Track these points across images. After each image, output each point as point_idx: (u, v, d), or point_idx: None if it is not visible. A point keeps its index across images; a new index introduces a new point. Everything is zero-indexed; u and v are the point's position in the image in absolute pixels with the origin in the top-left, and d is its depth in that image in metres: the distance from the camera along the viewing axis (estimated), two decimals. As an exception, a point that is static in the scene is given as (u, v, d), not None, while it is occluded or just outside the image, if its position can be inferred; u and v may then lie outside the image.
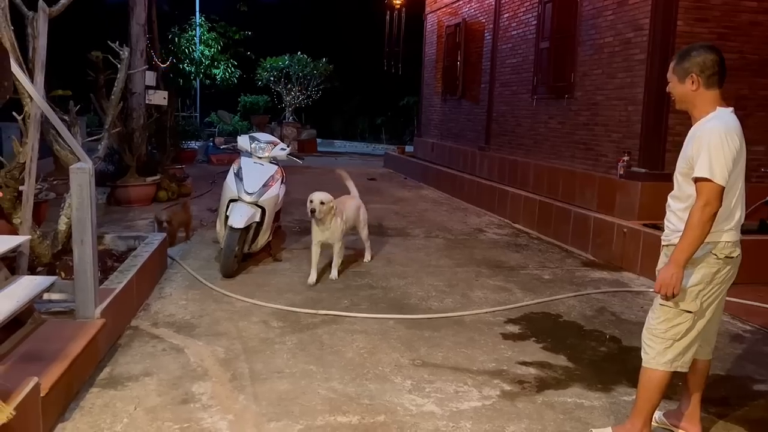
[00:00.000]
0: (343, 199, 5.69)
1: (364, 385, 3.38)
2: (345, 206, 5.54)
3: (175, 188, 9.07)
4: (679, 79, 2.66)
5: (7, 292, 3.10)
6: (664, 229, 2.79)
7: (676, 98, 2.73)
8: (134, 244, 5.17)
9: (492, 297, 5.02)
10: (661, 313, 2.67)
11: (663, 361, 2.67)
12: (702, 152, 2.50)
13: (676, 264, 2.53)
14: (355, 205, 5.83)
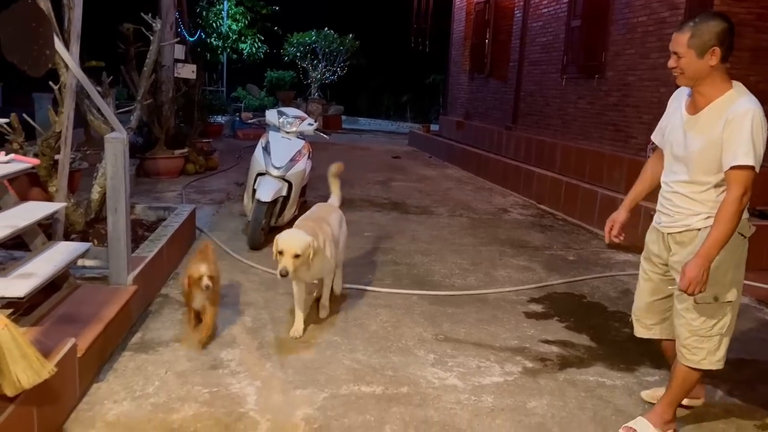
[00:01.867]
0: (322, 212, 4.05)
1: (388, 357, 3.44)
2: (329, 221, 3.95)
3: (203, 162, 9.18)
4: (698, 53, 2.42)
5: (45, 256, 3.21)
6: (663, 214, 2.68)
7: (687, 74, 2.48)
8: (164, 214, 5.26)
9: (515, 276, 5.03)
10: (701, 312, 2.56)
11: (715, 359, 2.61)
12: (743, 138, 2.35)
13: (707, 258, 2.39)
14: (337, 218, 4.15)
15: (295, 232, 3.50)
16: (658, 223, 2.73)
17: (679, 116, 2.62)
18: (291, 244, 3.35)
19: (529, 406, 2.99)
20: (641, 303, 2.89)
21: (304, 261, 3.39)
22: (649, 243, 2.83)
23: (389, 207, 7.50)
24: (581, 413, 2.94)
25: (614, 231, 2.91)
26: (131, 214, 5.07)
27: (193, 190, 7.83)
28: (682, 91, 2.69)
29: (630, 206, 2.93)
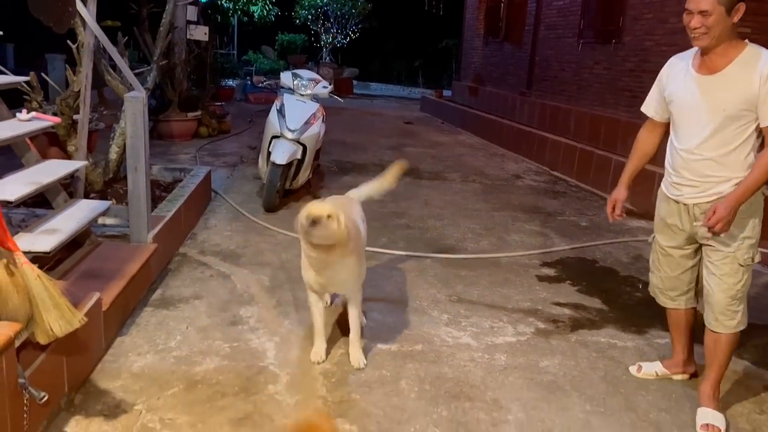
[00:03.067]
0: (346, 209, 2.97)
1: (403, 316, 3.51)
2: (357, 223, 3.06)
3: (215, 125, 9.18)
4: (727, 10, 2.35)
5: (68, 214, 3.27)
6: (685, 186, 2.58)
7: (712, 33, 2.38)
8: (180, 176, 5.32)
9: (528, 241, 5.06)
10: (742, 274, 2.55)
11: (745, 320, 2.62)
12: None
13: (738, 201, 2.42)
14: (361, 217, 3.24)
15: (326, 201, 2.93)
16: (678, 195, 2.62)
17: (692, 81, 2.52)
18: (322, 205, 2.68)
19: (542, 365, 3.05)
20: (663, 278, 2.82)
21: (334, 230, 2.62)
22: (665, 217, 2.72)
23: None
24: (593, 372, 3.00)
25: (617, 210, 2.87)
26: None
27: (207, 153, 7.86)
28: (678, 59, 2.65)
29: (628, 182, 2.88)
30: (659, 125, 2.79)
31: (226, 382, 2.69)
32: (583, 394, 2.80)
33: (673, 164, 2.65)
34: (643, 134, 2.86)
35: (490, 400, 2.71)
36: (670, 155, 2.68)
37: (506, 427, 2.52)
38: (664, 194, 2.74)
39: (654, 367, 2.97)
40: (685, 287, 2.80)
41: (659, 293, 2.89)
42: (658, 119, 2.77)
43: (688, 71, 2.57)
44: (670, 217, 2.70)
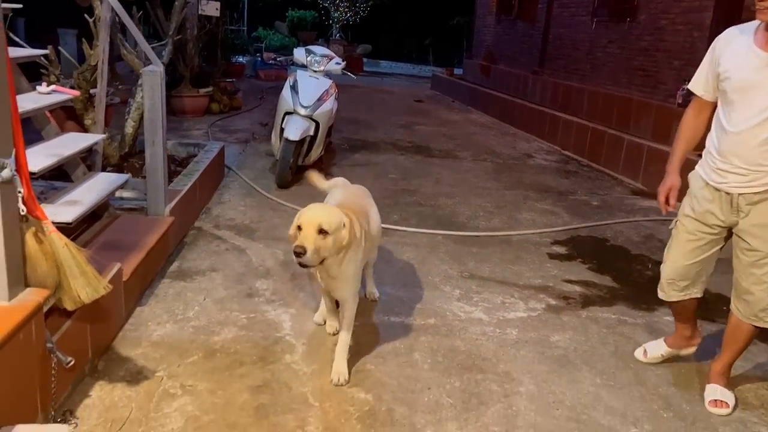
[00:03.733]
0: (361, 200, 3.00)
1: (415, 291, 3.56)
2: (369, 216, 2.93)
3: (227, 101, 9.20)
4: None
5: (87, 186, 3.32)
6: (730, 173, 2.40)
7: None
8: (194, 151, 5.36)
9: (539, 219, 5.09)
10: None
11: None
12: None
13: None
14: (375, 210, 3.10)
15: (325, 205, 2.64)
16: (722, 183, 2.44)
17: (755, 57, 2.31)
18: (318, 215, 2.36)
19: (553, 339, 3.10)
20: (679, 265, 2.64)
21: (334, 246, 2.38)
22: (702, 202, 2.53)
23: (413, 150, 7.51)
24: (603, 348, 3.05)
25: (671, 200, 2.65)
26: (163, 149, 5.17)
27: (219, 129, 7.89)
28: (738, 31, 2.42)
29: (679, 167, 2.68)
30: (708, 105, 2.58)
31: (243, 352, 2.76)
32: (594, 368, 2.85)
33: (719, 148, 2.43)
34: (690, 115, 2.65)
35: (502, 373, 2.76)
36: (717, 138, 2.47)
37: (518, 399, 2.58)
38: (701, 179, 2.55)
39: (659, 350, 2.90)
40: (697, 277, 2.66)
41: (668, 286, 2.71)
42: (707, 98, 2.56)
43: (750, 47, 2.33)
44: (707, 205, 2.51)
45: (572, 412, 2.52)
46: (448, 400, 2.53)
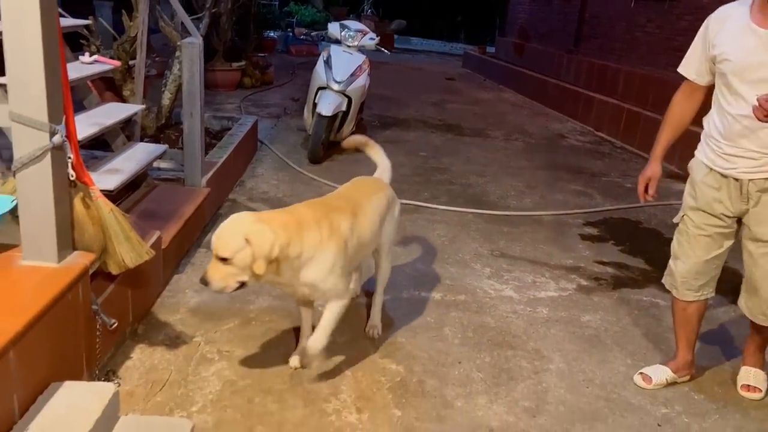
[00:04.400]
0: (358, 195, 2.55)
1: (446, 268, 3.58)
2: (363, 211, 2.44)
3: (259, 76, 9.23)
4: None
5: (127, 155, 3.39)
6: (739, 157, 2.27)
7: None
8: (228, 124, 5.41)
9: (571, 200, 5.05)
10: None
11: None
12: None
13: None
14: (384, 201, 2.63)
15: (240, 219, 2.09)
16: (730, 169, 2.31)
17: (753, 36, 2.20)
18: (216, 240, 2.03)
19: (583, 319, 3.10)
20: (692, 264, 2.47)
21: (243, 271, 2.03)
22: (707, 190, 2.38)
23: (444, 128, 7.48)
24: (634, 329, 3.04)
25: (650, 190, 2.56)
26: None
27: (251, 103, 7.94)
28: (730, 9, 2.30)
29: (662, 156, 2.55)
30: (700, 89, 2.45)
31: (278, 320, 2.82)
32: (624, 349, 2.85)
33: (725, 133, 2.31)
34: (679, 100, 2.51)
35: (532, 350, 2.78)
36: (721, 123, 2.33)
37: (547, 376, 2.60)
38: (704, 166, 2.40)
39: (664, 374, 2.60)
40: (713, 272, 2.49)
41: (682, 285, 2.52)
42: (700, 82, 2.43)
43: (747, 25, 2.22)
44: (713, 193, 2.37)
45: (602, 390, 2.53)
46: (478, 375, 2.56)
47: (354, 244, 2.32)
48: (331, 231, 2.19)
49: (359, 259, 2.60)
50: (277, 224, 2.06)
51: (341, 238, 2.22)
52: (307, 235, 2.13)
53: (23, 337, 1.75)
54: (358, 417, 2.23)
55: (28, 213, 2.02)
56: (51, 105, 1.94)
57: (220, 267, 2.03)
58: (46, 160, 1.96)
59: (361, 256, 2.55)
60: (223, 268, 2.03)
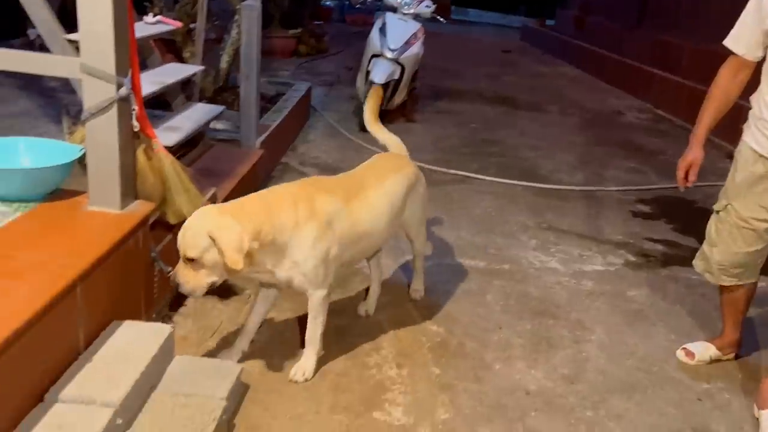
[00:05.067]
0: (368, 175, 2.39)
1: (491, 238, 3.59)
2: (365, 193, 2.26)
3: (314, 44, 9.29)
4: None
5: (186, 115, 3.51)
6: None
7: None
8: (282, 89, 5.51)
9: (625, 177, 4.95)
10: None
11: None
12: None
13: None
14: (403, 181, 2.45)
15: (203, 214, 1.95)
16: None
17: None
18: (181, 239, 1.93)
19: (629, 294, 3.08)
20: (731, 255, 2.34)
21: (214, 270, 1.92)
22: (756, 181, 2.23)
23: (498, 101, 7.39)
24: (680, 307, 3.00)
25: (692, 176, 2.39)
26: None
27: (305, 71, 8.02)
28: None
29: (705, 139, 2.39)
30: (748, 65, 2.28)
31: (324, 279, 2.91)
32: (669, 325, 2.82)
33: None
34: (724, 77, 2.33)
35: (574, 320, 2.78)
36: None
37: (588, 346, 2.60)
38: (753, 152, 2.24)
39: (707, 351, 2.53)
40: (755, 261, 2.37)
41: (719, 272, 2.40)
42: (748, 57, 2.26)
43: None
44: (764, 184, 2.21)
45: (643, 363, 2.52)
46: (518, 341, 2.59)
47: (347, 230, 2.14)
48: (311, 213, 2.03)
49: (368, 248, 2.38)
50: (244, 214, 1.92)
51: (321, 221, 2.05)
52: (279, 218, 1.98)
53: (88, 276, 1.88)
54: (398, 372, 2.31)
55: (95, 161, 2.14)
56: (118, 59, 2.04)
57: (189, 268, 1.91)
58: (113, 111, 2.07)
59: (370, 244, 2.34)
60: (193, 269, 1.91)
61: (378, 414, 2.08)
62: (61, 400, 1.69)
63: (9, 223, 2.04)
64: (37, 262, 1.84)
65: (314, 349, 2.24)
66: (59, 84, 4.82)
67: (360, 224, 2.20)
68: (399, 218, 2.45)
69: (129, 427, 1.76)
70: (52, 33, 2.56)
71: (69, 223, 2.12)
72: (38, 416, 1.63)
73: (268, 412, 2.04)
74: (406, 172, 2.48)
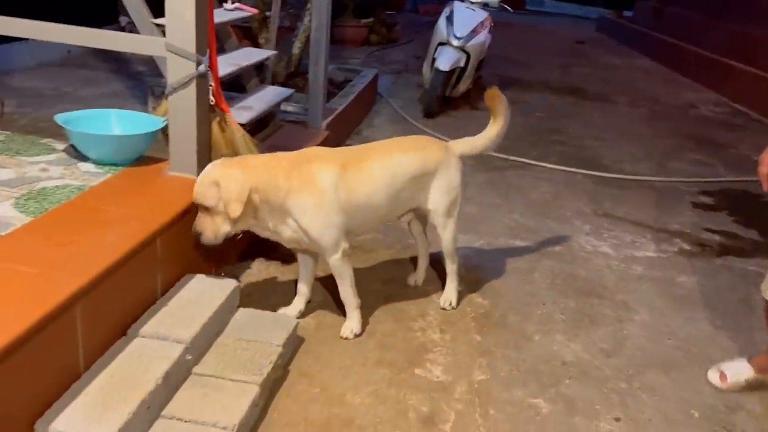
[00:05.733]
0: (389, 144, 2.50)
1: (545, 221, 3.67)
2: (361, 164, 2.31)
3: (385, 33, 9.46)
4: None
5: (258, 96, 3.77)
6: None
7: None
8: (351, 76, 5.72)
9: (690, 169, 4.87)
10: None
11: None
12: None
13: None
14: (414, 162, 2.42)
15: (213, 165, 2.16)
16: None
17: None
18: (198, 188, 2.12)
19: (678, 280, 3.10)
20: None
21: (227, 216, 2.10)
22: None
23: (566, 91, 7.34)
24: (731, 294, 3.00)
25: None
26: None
27: (374, 59, 8.21)
28: None
29: None
30: None
31: (378, 251, 3.10)
32: (716, 310, 2.83)
33: None
34: None
35: (619, 301, 2.85)
36: None
37: (630, 325, 2.67)
38: None
39: (742, 373, 2.30)
40: None
41: None
42: None
43: None
44: None
45: (684, 343, 2.57)
46: (560, 317, 2.69)
47: (343, 198, 2.21)
48: (306, 181, 2.15)
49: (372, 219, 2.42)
50: (248, 168, 2.09)
51: (318, 189, 2.16)
52: (276, 180, 2.12)
53: (167, 230, 2.14)
54: (441, 336, 2.46)
55: (176, 131, 2.40)
56: (198, 39, 2.29)
57: (206, 217, 2.11)
58: (192, 86, 2.32)
59: (372, 216, 2.37)
60: (209, 218, 2.10)
61: (419, 371, 2.25)
62: (141, 335, 1.95)
63: (100, 182, 2.33)
64: (123, 215, 2.12)
65: (352, 306, 2.40)
66: (145, 69, 5.24)
67: (355, 194, 2.24)
68: (409, 197, 2.43)
69: (197, 363, 2.00)
70: (141, 18, 2.86)
71: (151, 185, 2.39)
72: (121, 347, 1.89)
73: (319, 362, 2.24)
74: (425, 154, 2.44)
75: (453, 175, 2.52)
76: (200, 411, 1.81)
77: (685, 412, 2.17)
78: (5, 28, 2.51)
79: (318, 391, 2.10)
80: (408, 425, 1.99)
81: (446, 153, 2.53)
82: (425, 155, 2.45)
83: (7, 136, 2.67)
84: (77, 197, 2.18)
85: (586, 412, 2.12)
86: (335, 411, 2.02)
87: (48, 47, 5.19)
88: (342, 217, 2.23)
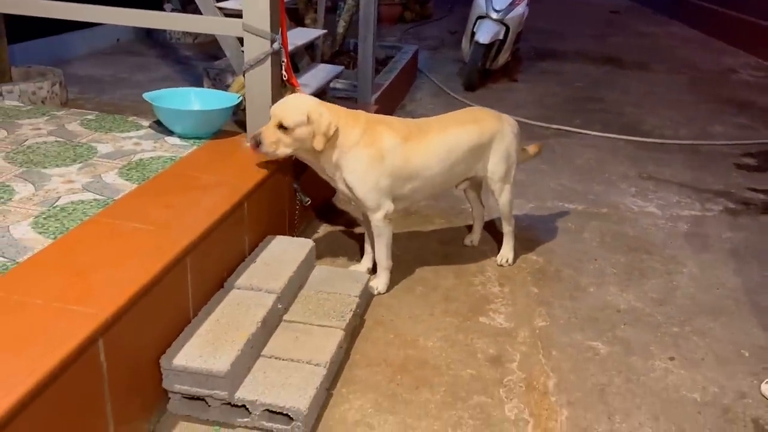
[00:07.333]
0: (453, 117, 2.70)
1: (591, 185, 3.80)
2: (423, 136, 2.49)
3: (418, 10, 9.54)
4: None
5: (311, 74, 3.96)
6: None
7: None
8: (392, 53, 5.87)
9: (733, 133, 4.92)
10: None
11: None
12: None
13: None
14: (471, 134, 2.58)
15: (305, 98, 2.37)
16: None
17: None
18: (279, 109, 2.29)
19: (725, 236, 3.22)
20: None
21: (296, 142, 2.29)
22: None
23: (603, 61, 7.36)
24: (778, 248, 3.11)
25: None
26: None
27: (410, 36, 8.32)
28: None
29: None
30: None
31: (434, 215, 3.28)
32: (764, 263, 2.96)
33: None
34: None
35: (668, 256, 2.99)
36: None
37: (679, 277, 2.81)
38: None
39: None
40: None
41: None
42: None
43: None
44: None
45: (733, 293, 2.70)
46: (612, 270, 2.85)
47: (398, 165, 2.39)
48: (370, 142, 2.35)
49: (426, 187, 2.55)
50: (334, 112, 2.32)
51: (377, 151, 2.35)
52: (347, 133, 2.33)
53: (252, 195, 2.35)
54: (500, 289, 2.65)
55: (252, 105, 2.61)
56: (272, 19, 2.48)
57: (277, 132, 2.26)
58: (267, 62, 2.52)
59: (427, 183, 2.52)
60: (279, 134, 2.27)
61: (483, 319, 2.44)
62: (237, 287, 2.18)
63: (188, 153, 2.56)
64: (214, 181, 2.34)
65: (383, 266, 2.57)
66: (191, 53, 5.48)
67: (412, 163, 2.43)
68: (465, 167, 2.61)
69: (286, 312, 2.23)
70: (205, 2, 3.06)
71: (233, 155, 2.61)
72: (221, 297, 2.12)
73: (390, 312, 2.45)
74: (480, 126, 2.59)
75: (508, 144, 2.68)
76: (295, 351, 2.03)
77: (736, 352, 2.32)
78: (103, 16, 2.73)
79: (393, 337, 2.31)
80: (477, 364, 2.19)
81: (501, 123, 2.69)
82: (481, 127, 2.61)
83: (97, 115, 2.91)
84: (171, 166, 2.41)
85: (642, 353, 2.29)
86: (410, 353, 2.23)
87: (100, 36, 5.48)
88: (389, 182, 2.41)
